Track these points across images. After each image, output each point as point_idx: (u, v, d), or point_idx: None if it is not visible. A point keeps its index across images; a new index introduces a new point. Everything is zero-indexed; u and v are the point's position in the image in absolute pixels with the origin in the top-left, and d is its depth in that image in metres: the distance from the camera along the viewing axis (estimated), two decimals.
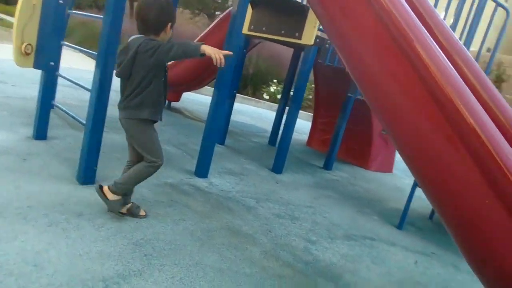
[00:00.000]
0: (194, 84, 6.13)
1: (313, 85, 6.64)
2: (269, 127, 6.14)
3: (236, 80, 4.80)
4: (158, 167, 2.27)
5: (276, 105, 9.64)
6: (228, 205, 3.00)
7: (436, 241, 3.29)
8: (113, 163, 3.23)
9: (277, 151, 4.27)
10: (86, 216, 2.29)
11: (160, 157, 2.26)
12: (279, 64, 10.35)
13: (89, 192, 2.56)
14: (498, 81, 10.91)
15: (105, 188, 2.26)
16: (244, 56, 4.91)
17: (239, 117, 7.06)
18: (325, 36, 4.25)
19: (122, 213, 2.36)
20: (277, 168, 4.25)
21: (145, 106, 2.16)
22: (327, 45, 4.21)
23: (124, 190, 2.27)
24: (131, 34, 2.21)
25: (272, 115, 6.60)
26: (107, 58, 2.52)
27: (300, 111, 4.38)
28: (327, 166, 4.97)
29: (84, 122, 2.71)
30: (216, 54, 1.98)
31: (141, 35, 2.16)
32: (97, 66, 2.58)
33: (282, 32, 4.20)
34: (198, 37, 5.65)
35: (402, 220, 3.39)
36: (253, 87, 10.75)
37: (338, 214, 3.40)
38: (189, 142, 4.56)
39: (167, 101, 6.07)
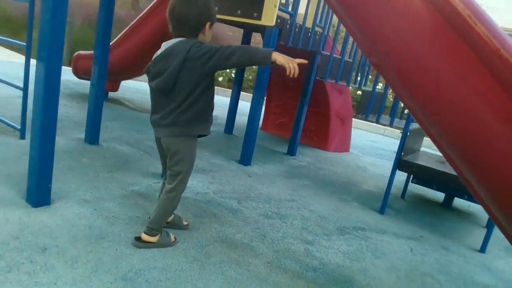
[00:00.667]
0: (136, 71, 5.52)
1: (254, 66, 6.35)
2: (220, 113, 5.76)
3: None
4: (183, 191, 2.05)
5: (222, 89, 9.29)
6: (210, 210, 2.66)
7: (418, 223, 3.28)
8: (66, 174, 2.70)
9: (244, 142, 3.96)
10: (52, 249, 1.82)
11: (187, 182, 2.04)
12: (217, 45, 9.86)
13: (46, 216, 2.07)
14: None
15: (144, 237, 2.01)
16: None
17: None
18: (286, 16, 3.98)
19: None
20: (245, 160, 3.96)
21: (199, 121, 1.89)
22: (288, 26, 3.94)
23: (161, 227, 2.05)
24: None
25: (219, 100, 6.22)
26: (53, 48, 1.99)
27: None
28: (291, 152, 4.79)
29: (17, 126, 2.15)
30: (290, 63, 1.66)
31: (183, 39, 1.82)
32: (40, 58, 2.03)
33: (238, 12, 3.83)
34: (134, 21, 5.03)
35: (384, 204, 3.32)
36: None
37: (321, 205, 3.23)
38: (144, 139, 4.06)
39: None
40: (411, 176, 3.80)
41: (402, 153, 3.29)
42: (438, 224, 3.37)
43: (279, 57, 1.68)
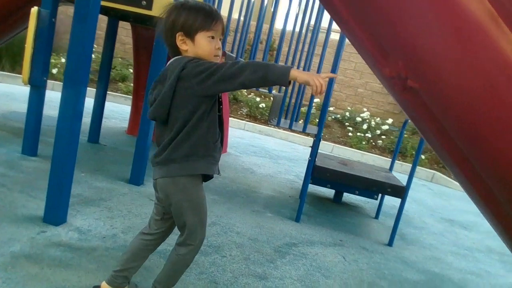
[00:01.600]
0: None
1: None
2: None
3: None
4: (199, 248, 1.62)
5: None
6: None
7: (329, 225, 3.35)
8: None
9: (136, 156, 3.29)
10: None
11: (204, 234, 1.61)
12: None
13: None
14: None
15: None
16: (53, 27, 3.44)
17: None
18: None
19: None
20: (137, 178, 3.31)
21: (198, 155, 1.50)
22: None
23: None
24: None
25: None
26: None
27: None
28: None
29: None
30: (316, 80, 1.32)
31: (179, 56, 1.51)
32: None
33: None
34: None
35: (299, 213, 3.27)
36: (11, 59, 8.20)
37: (243, 223, 2.95)
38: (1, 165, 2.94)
39: None
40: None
41: (310, 158, 3.28)
42: (343, 223, 3.52)
43: (300, 75, 1.35)
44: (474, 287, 2.69)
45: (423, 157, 8.31)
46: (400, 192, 3.18)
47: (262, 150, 6.43)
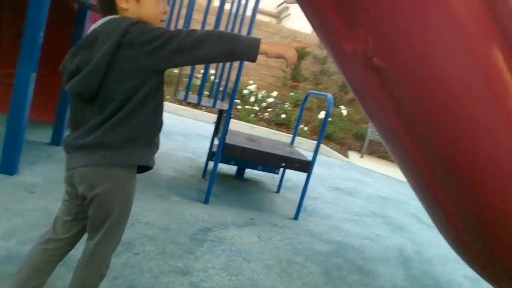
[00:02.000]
0: None
1: None
2: None
3: None
4: (114, 251, 1.34)
5: None
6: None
7: (238, 203, 3.30)
8: None
9: (6, 139, 2.67)
10: None
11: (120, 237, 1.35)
12: None
13: None
14: None
15: None
16: None
17: None
18: None
19: None
20: (10, 166, 2.70)
21: (140, 142, 1.23)
22: None
23: None
24: None
25: None
26: None
27: None
28: (58, 141, 3.66)
29: None
30: (290, 52, 1.19)
31: (115, 16, 1.19)
32: None
33: None
34: None
35: (208, 194, 3.12)
36: None
37: (150, 211, 2.67)
38: None
39: None
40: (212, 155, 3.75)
41: (219, 135, 3.13)
42: (250, 200, 3.51)
43: (271, 48, 1.18)
44: (371, 251, 2.97)
45: (305, 128, 8.90)
46: (307, 167, 3.28)
47: None
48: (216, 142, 3.86)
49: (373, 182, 5.81)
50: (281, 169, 4.00)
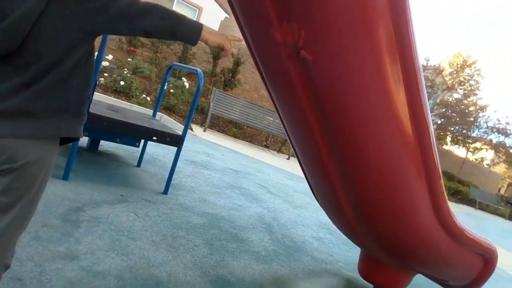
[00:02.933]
0: None
1: None
2: None
3: None
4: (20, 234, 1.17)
5: None
6: None
7: (101, 180, 3.03)
8: None
9: None
10: None
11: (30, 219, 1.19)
12: None
13: None
14: None
15: None
16: None
17: None
18: None
19: None
20: None
21: (70, 113, 1.11)
22: None
23: None
24: None
25: None
26: None
27: None
28: None
29: None
30: (229, 44, 1.26)
31: None
32: None
33: None
34: None
35: (68, 169, 2.76)
36: None
37: None
38: None
39: None
40: None
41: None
42: (113, 175, 3.26)
43: (211, 37, 1.23)
44: (239, 220, 3.22)
45: (148, 99, 8.57)
46: (178, 141, 3.25)
47: None
48: None
49: (220, 155, 6.13)
50: (142, 143, 3.84)
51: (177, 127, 7.58)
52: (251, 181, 5.01)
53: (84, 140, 3.79)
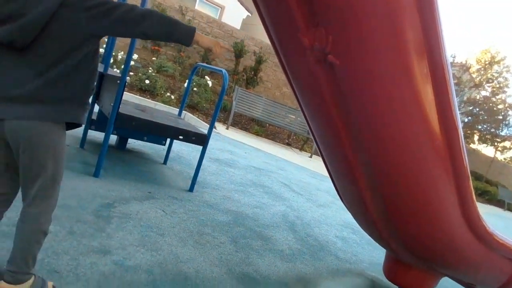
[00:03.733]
0: None
1: None
2: None
3: None
4: (54, 207, 1.41)
5: None
6: None
7: (130, 176, 3.12)
8: None
9: None
10: None
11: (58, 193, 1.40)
12: None
13: None
14: None
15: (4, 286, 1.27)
16: None
17: None
18: None
19: None
20: None
21: (75, 102, 1.29)
22: None
23: (30, 268, 1.33)
24: None
25: None
26: None
27: None
28: None
29: None
30: (219, 48, 1.46)
31: None
32: None
33: None
34: None
35: (99, 168, 2.86)
36: None
37: None
38: None
39: None
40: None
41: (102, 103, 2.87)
42: (140, 172, 3.35)
43: (203, 39, 1.40)
44: (263, 218, 3.25)
45: (172, 97, 8.71)
46: (203, 140, 3.31)
47: None
48: (95, 109, 3.51)
49: (244, 153, 6.18)
50: (168, 141, 3.92)
51: (201, 125, 7.67)
52: (274, 179, 5.03)
53: (113, 138, 3.90)
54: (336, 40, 1.39)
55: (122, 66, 8.85)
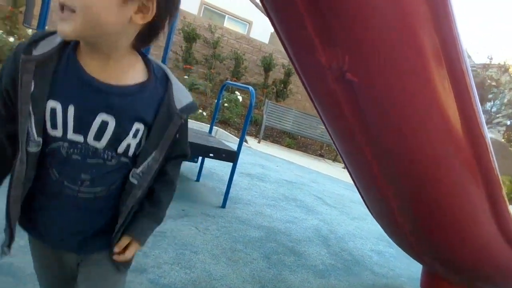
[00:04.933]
0: None
1: None
2: None
3: None
4: None
5: None
6: None
7: None
8: None
9: None
10: None
11: None
12: None
13: None
14: None
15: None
16: None
17: None
18: None
19: None
20: None
21: None
22: None
23: None
24: None
25: None
26: None
27: None
28: None
29: None
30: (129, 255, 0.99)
31: (160, 65, 0.97)
32: None
33: None
34: None
35: None
36: None
37: None
38: None
39: None
40: None
41: None
42: (176, 190, 3.44)
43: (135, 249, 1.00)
44: (296, 233, 3.25)
45: (204, 114, 8.91)
46: (233, 156, 3.37)
47: None
48: None
49: (275, 166, 6.20)
50: (200, 158, 4.02)
51: (233, 140, 7.78)
52: (307, 192, 5.01)
53: None
54: (353, 58, 1.41)
55: None
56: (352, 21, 1.35)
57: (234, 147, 3.48)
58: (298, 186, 5.24)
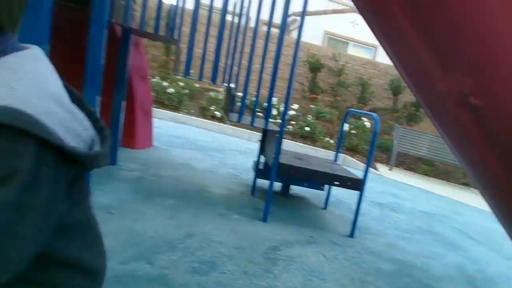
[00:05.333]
0: None
1: None
2: None
3: None
4: None
5: None
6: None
7: (293, 221, 3.33)
8: None
9: None
10: None
11: None
12: None
13: None
14: None
15: None
16: None
17: None
18: None
19: None
20: None
21: None
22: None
23: None
24: None
25: None
26: None
27: None
28: (112, 161, 3.75)
29: None
30: None
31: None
32: None
33: None
34: None
35: (266, 213, 3.16)
36: None
37: (217, 230, 2.72)
38: None
39: None
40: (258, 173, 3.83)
41: (274, 156, 3.19)
42: (302, 217, 3.54)
43: None
44: (434, 269, 2.97)
45: (331, 141, 8.94)
46: (359, 185, 3.31)
47: (187, 141, 6.06)
48: (261, 159, 3.92)
49: (410, 196, 5.79)
50: (327, 186, 4.04)
51: (361, 167, 7.57)
52: (447, 224, 4.53)
53: (278, 185, 4.25)
54: (476, 81, 1.30)
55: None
56: (473, 46, 1.26)
57: (362, 174, 3.42)
58: (437, 218, 4.78)
